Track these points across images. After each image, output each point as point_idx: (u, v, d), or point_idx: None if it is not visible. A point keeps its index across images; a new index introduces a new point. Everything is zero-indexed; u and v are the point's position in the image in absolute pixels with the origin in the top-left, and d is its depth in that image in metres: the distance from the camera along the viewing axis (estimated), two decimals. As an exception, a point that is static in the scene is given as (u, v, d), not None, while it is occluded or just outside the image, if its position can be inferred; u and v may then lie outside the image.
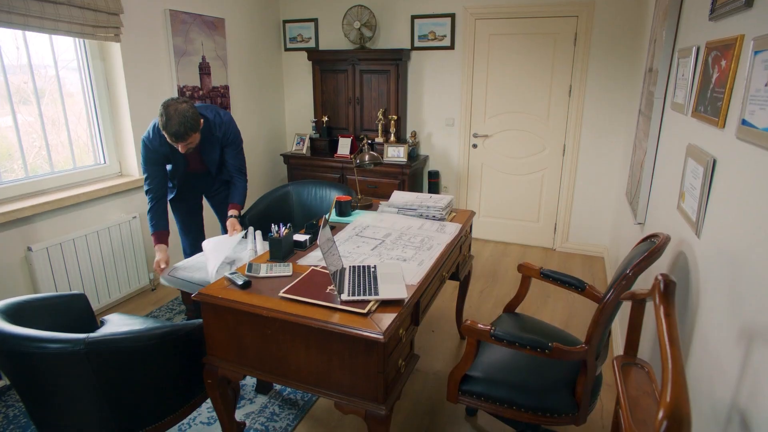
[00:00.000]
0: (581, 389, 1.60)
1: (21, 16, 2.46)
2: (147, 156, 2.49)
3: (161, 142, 2.44)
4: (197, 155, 2.63)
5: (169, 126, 2.24)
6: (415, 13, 4.31)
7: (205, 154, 2.62)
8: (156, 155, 2.49)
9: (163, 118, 2.23)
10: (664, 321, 1.06)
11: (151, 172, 2.52)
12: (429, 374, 2.55)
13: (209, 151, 2.62)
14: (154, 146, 2.46)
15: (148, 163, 2.50)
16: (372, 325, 1.46)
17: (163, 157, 2.52)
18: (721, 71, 1.34)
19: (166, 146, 2.46)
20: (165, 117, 2.23)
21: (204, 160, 2.66)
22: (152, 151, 2.47)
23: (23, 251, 2.66)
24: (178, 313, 3.16)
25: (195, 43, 3.72)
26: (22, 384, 1.57)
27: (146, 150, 2.48)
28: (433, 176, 4.56)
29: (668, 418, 0.85)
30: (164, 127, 2.25)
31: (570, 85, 3.98)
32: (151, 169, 2.51)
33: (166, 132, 2.26)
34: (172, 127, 2.24)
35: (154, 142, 2.45)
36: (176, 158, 2.55)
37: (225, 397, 1.82)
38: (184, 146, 2.34)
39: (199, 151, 2.60)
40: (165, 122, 2.24)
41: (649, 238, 1.55)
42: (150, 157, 2.49)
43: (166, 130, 2.25)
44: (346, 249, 2.09)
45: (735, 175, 1.18)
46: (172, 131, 2.25)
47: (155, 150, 2.47)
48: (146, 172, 2.53)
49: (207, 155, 2.63)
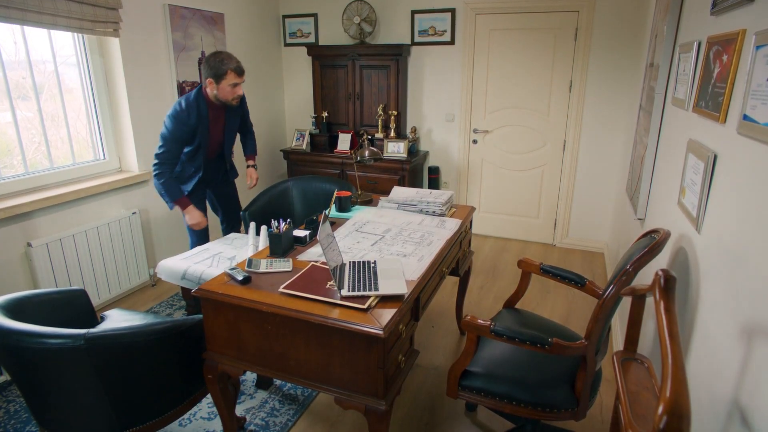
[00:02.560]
0: (581, 384, 1.60)
1: (19, 10, 2.45)
2: (174, 130, 2.55)
3: (190, 114, 2.57)
4: (221, 126, 2.77)
5: (232, 61, 2.53)
6: (416, 8, 4.29)
7: (230, 122, 2.80)
8: (183, 129, 2.56)
9: (221, 58, 2.51)
10: (664, 316, 1.06)
11: (172, 149, 2.58)
12: (429, 370, 2.55)
13: (233, 120, 2.82)
14: (182, 119, 2.55)
15: (173, 140, 2.56)
16: (372, 320, 1.46)
17: (188, 133, 2.59)
18: (723, 66, 1.33)
19: (195, 118, 2.58)
20: (223, 56, 2.52)
21: (226, 129, 2.80)
22: (181, 124, 2.55)
23: (23, 247, 2.66)
24: (178, 308, 3.17)
25: (194, 38, 3.70)
26: (23, 379, 1.58)
27: (175, 123, 2.55)
28: (433, 172, 4.55)
29: (668, 413, 0.85)
30: (227, 64, 2.50)
31: (570, 80, 3.97)
32: (173, 146, 2.57)
33: (230, 67, 2.51)
34: (234, 61, 2.54)
35: (183, 114, 2.55)
36: (202, 130, 2.65)
37: (225, 392, 1.82)
38: (240, 87, 2.60)
39: (224, 120, 2.76)
40: (227, 59, 2.51)
41: (650, 233, 1.55)
42: (177, 131, 2.55)
43: (231, 65, 2.51)
44: (346, 244, 2.09)
45: (736, 170, 1.18)
46: (235, 64, 2.54)
47: (184, 122, 2.55)
48: (165, 148, 2.57)
49: (231, 123, 2.81)
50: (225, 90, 2.57)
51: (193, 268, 2.37)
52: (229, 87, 2.57)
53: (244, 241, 2.73)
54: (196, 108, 2.58)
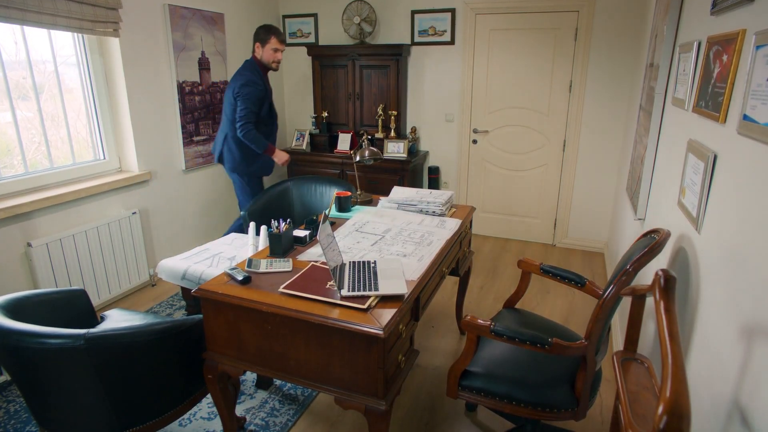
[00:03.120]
0: (581, 384, 1.60)
1: (19, 10, 2.45)
2: (257, 94, 3.10)
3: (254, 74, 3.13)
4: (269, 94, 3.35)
5: (276, 30, 3.14)
6: (415, 8, 4.29)
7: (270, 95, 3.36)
8: (257, 88, 3.09)
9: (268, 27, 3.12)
10: (664, 316, 1.06)
11: (256, 109, 3.12)
12: (429, 370, 2.55)
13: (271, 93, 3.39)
14: (255, 80, 3.09)
15: (256, 103, 3.10)
16: (372, 320, 1.46)
17: (261, 91, 3.13)
18: (723, 66, 1.33)
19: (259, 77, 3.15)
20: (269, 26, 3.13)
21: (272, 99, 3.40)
22: (257, 87, 3.10)
23: (23, 247, 2.66)
24: (178, 308, 3.17)
25: (194, 38, 3.70)
26: (23, 379, 1.58)
27: (255, 89, 3.08)
28: (433, 172, 4.55)
29: (668, 413, 0.85)
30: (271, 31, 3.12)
31: (570, 80, 3.97)
32: (256, 108, 3.12)
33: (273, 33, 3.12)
34: (278, 31, 3.15)
35: (255, 76, 3.12)
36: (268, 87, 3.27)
37: (225, 392, 1.82)
38: (280, 54, 3.21)
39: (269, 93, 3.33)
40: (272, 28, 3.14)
41: (650, 233, 1.55)
42: (259, 94, 3.10)
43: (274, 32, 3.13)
44: (346, 244, 2.09)
45: (736, 170, 1.18)
46: (278, 33, 3.14)
47: (257, 83, 3.10)
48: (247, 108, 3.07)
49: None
50: (268, 53, 3.16)
51: (193, 268, 2.37)
52: (271, 51, 3.15)
53: (244, 241, 2.73)
54: (258, 73, 3.16)
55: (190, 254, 2.55)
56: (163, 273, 2.45)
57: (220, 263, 2.42)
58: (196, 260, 2.46)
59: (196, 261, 2.45)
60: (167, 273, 2.44)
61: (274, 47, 3.12)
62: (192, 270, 2.36)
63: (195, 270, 2.35)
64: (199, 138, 3.86)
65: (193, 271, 2.36)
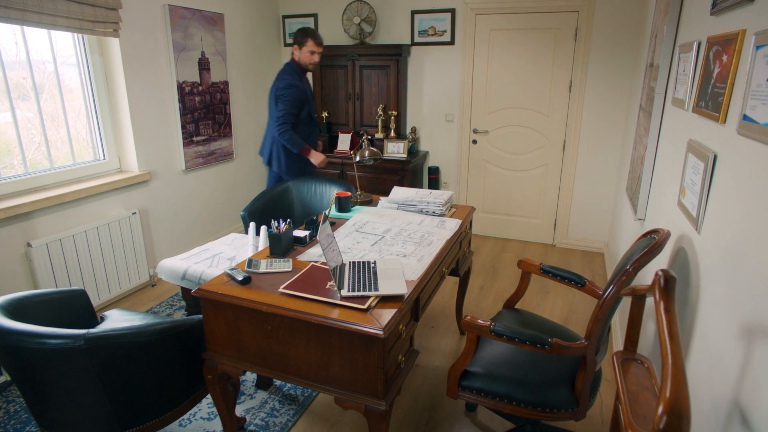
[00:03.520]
0: (581, 385, 1.60)
1: (19, 11, 2.45)
2: (297, 97, 3.15)
3: (294, 77, 3.19)
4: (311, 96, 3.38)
5: (314, 33, 3.18)
6: (415, 8, 4.29)
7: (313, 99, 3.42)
8: (297, 91, 3.15)
9: (305, 30, 3.17)
10: (664, 316, 1.06)
11: (295, 111, 3.16)
12: (429, 370, 2.55)
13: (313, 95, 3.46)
14: (296, 83, 3.16)
15: (295, 105, 3.15)
16: (372, 320, 1.46)
17: (301, 93, 3.18)
18: (723, 66, 1.33)
19: (298, 80, 3.20)
20: (307, 29, 3.18)
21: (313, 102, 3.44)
22: (297, 89, 3.15)
23: (23, 247, 2.66)
24: (178, 308, 3.17)
25: (194, 38, 3.70)
26: (23, 379, 1.58)
27: (295, 91, 3.14)
28: (433, 172, 4.55)
29: (668, 414, 0.85)
30: (309, 34, 3.16)
31: (570, 80, 3.97)
32: (295, 110, 3.16)
33: (310, 36, 3.15)
34: (315, 34, 3.18)
35: (295, 79, 3.19)
36: (307, 89, 3.29)
37: (225, 392, 1.82)
38: (317, 56, 3.23)
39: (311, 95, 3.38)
40: (309, 31, 3.17)
41: (650, 233, 1.55)
42: (298, 96, 3.15)
43: (311, 35, 3.16)
44: (346, 245, 2.09)
45: (736, 170, 1.18)
46: (315, 36, 3.17)
47: (296, 86, 3.16)
48: (291, 112, 3.14)
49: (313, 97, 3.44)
50: (305, 55, 3.20)
51: (193, 268, 2.37)
52: (308, 53, 3.19)
53: (244, 242, 2.73)
54: (297, 75, 3.23)
55: (190, 254, 2.55)
56: (163, 273, 2.45)
57: (220, 263, 2.42)
58: (196, 260, 2.46)
59: (196, 261, 2.45)
60: (167, 273, 2.44)
61: (310, 50, 3.18)
62: (192, 270, 2.36)
63: (195, 270, 2.35)
64: (199, 138, 3.86)
65: (193, 271, 2.36)
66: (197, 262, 2.43)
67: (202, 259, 2.47)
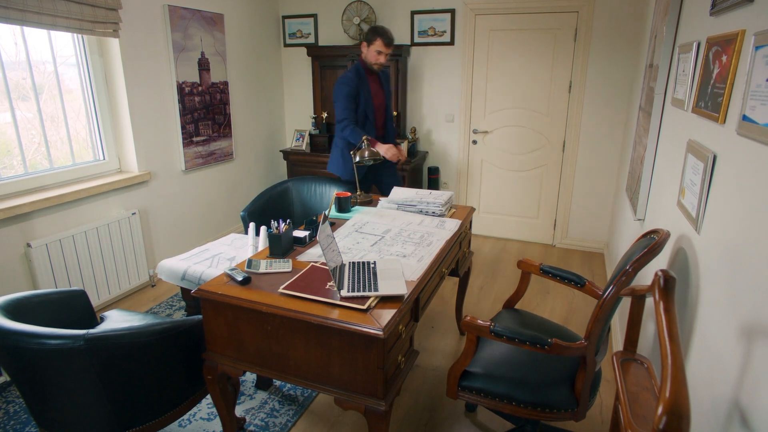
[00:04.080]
0: (581, 385, 1.60)
1: (19, 11, 2.45)
2: (345, 91, 3.11)
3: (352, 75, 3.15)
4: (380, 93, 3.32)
5: (384, 32, 3.10)
6: (415, 9, 4.29)
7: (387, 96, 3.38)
8: (350, 86, 3.11)
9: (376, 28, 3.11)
10: (664, 317, 1.06)
11: (347, 105, 3.12)
12: (428, 370, 2.55)
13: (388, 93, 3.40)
14: (348, 79, 3.13)
15: (347, 98, 3.11)
16: (372, 321, 1.46)
17: (354, 89, 3.14)
18: (722, 66, 1.33)
19: (356, 78, 3.16)
20: (378, 28, 3.11)
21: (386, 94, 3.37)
22: (349, 83, 3.12)
23: (23, 247, 2.66)
24: (178, 309, 3.17)
25: (194, 38, 3.70)
26: (23, 380, 1.58)
27: (344, 85, 3.11)
28: (433, 172, 4.55)
29: (668, 414, 0.85)
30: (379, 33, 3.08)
31: (570, 81, 3.97)
32: (346, 103, 3.12)
33: (379, 35, 3.07)
34: (386, 33, 3.10)
35: (348, 75, 3.15)
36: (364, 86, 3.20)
37: (225, 392, 1.82)
38: (384, 56, 3.14)
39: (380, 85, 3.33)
40: (380, 30, 3.10)
41: (649, 234, 1.55)
42: (348, 90, 3.11)
43: (380, 34, 3.08)
44: (346, 245, 2.09)
45: (735, 170, 1.18)
46: (385, 35, 3.09)
47: (351, 80, 3.13)
48: (342, 105, 3.11)
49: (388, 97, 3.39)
50: (371, 53, 3.14)
51: (193, 269, 2.37)
52: (375, 52, 3.12)
53: (243, 242, 2.73)
54: (356, 71, 3.18)
55: (190, 255, 2.55)
56: (163, 273, 2.45)
57: (219, 264, 2.42)
58: (196, 260, 2.46)
59: (196, 261, 2.45)
60: (167, 273, 2.44)
61: (378, 49, 3.10)
62: (192, 270, 2.36)
63: (195, 270, 2.35)
64: (198, 138, 3.86)
65: (193, 271, 2.36)
66: (197, 263, 2.43)
67: (202, 260, 2.47)
